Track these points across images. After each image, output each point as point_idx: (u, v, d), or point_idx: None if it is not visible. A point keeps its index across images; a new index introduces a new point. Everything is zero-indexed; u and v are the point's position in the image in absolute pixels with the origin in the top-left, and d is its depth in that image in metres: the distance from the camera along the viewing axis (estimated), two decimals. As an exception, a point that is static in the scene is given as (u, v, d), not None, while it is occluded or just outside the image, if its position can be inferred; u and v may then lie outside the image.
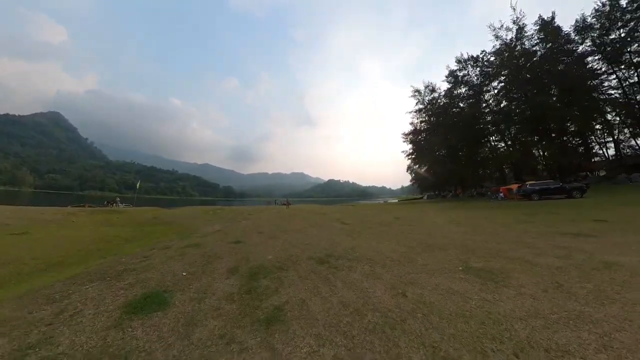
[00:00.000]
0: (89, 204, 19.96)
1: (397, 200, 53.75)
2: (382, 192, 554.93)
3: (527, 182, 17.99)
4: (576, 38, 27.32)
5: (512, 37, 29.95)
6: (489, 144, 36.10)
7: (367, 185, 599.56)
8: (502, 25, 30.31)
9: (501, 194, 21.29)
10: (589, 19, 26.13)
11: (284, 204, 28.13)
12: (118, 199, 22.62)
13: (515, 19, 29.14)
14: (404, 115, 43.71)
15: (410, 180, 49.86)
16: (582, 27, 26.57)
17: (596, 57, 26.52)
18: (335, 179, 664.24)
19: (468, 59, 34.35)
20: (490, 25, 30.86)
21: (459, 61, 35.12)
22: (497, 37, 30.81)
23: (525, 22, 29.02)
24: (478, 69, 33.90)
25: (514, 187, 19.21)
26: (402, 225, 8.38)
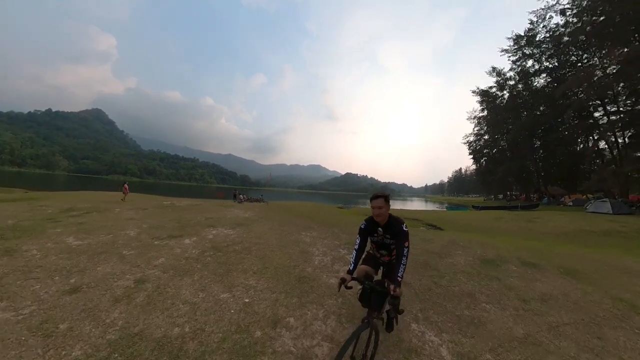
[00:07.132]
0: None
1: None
2: (403, 189, 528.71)
3: None
4: None
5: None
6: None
7: (386, 181, 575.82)
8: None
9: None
10: None
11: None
12: (242, 195, 19.54)
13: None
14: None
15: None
16: None
17: None
18: (353, 173, 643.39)
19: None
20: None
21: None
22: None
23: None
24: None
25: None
26: None
